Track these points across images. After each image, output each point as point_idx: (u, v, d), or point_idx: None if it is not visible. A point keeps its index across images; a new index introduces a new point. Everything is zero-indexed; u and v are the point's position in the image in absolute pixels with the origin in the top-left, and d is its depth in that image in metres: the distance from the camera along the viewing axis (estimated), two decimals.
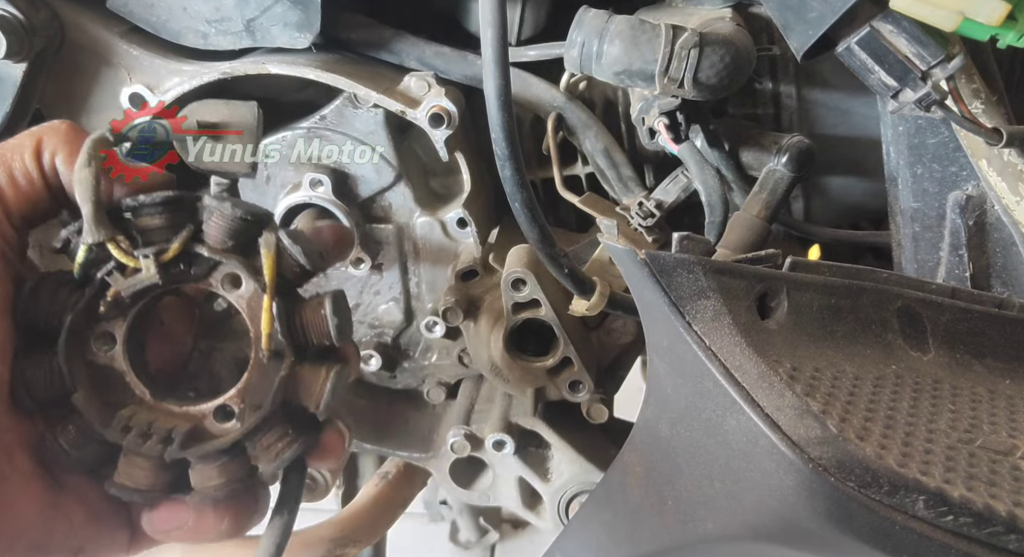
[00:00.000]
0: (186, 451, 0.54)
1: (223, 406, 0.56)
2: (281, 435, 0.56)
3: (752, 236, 0.86)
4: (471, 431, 1.05)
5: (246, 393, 0.55)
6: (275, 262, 0.55)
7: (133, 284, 0.54)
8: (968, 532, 0.48)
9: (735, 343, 0.56)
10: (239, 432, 0.55)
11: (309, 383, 0.56)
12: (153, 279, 0.54)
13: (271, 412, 0.55)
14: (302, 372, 0.56)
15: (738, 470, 0.56)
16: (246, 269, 0.55)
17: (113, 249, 0.53)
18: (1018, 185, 0.74)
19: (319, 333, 0.56)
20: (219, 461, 0.55)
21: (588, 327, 1.07)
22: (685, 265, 0.58)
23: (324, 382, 0.56)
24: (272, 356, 0.55)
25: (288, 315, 0.55)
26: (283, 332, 0.55)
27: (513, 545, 2.56)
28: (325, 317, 0.55)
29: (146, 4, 0.92)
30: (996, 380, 0.63)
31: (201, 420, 0.56)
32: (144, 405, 0.56)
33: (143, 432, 0.54)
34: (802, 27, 0.71)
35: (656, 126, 0.89)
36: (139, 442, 0.54)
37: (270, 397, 0.54)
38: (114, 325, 0.55)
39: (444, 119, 0.90)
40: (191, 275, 0.56)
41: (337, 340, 0.56)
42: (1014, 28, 0.63)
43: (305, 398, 0.56)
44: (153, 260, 0.53)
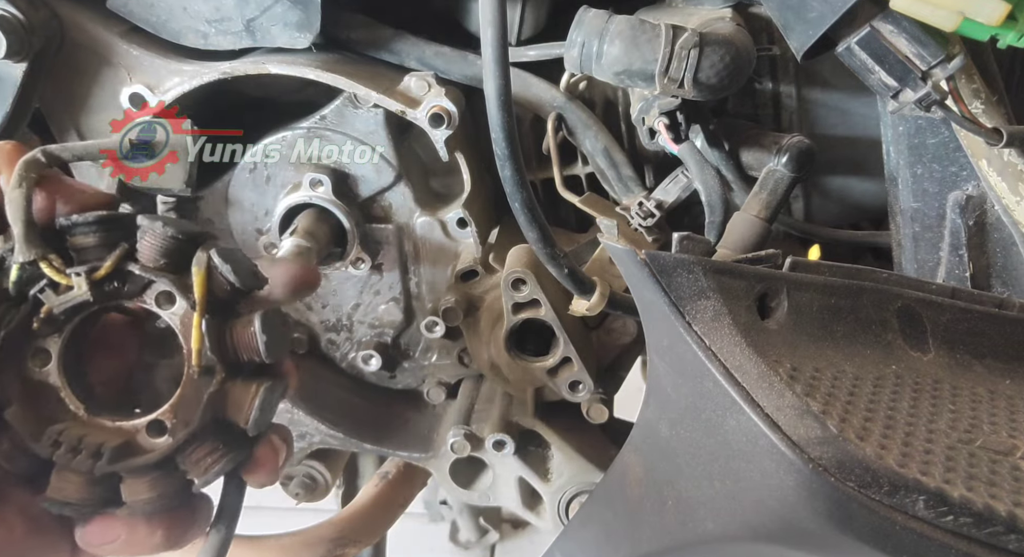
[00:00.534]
0: (115, 465, 0.54)
1: (156, 421, 0.56)
2: (211, 450, 0.57)
3: (752, 236, 0.86)
4: (471, 431, 1.05)
5: (178, 408, 0.56)
6: (205, 280, 0.56)
7: (65, 301, 0.55)
8: (968, 532, 0.48)
9: (735, 343, 0.56)
10: (168, 447, 0.55)
11: (239, 399, 0.57)
12: (84, 296, 0.55)
13: (200, 427, 0.56)
14: (233, 389, 0.57)
15: (738, 470, 0.56)
16: (177, 287, 0.56)
17: (45, 267, 0.54)
18: (1018, 185, 0.74)
19: (249, 350, 0.57)
20: (150, 476, 0.56)
21: (588, 327, 1.07)
22: (685, 265, 0.58)
23: (253, 399, 0.56)
24: (202, 372, 0.56)
25: (219, 333, 0.56)
26: (213, 349, 0.55)
27: (513, 545, 2.56)
28: (254, 334, 0.56)
29: (146, 4, 0.92)
30: (996, 380, 0.63)
31: (134, 435, 0.56)
32: (78, 420, 0.56)
33: (73, 447, 0.54)
34: (802, 27, 0.71)
35: (656, 126, 0.89)
36: (69, 457, 0.54)
37: (198, 413, 0.55)
38: (49, 341, 0.56)
39: (444, 119, 0.90)
40: (124, 293, 0.56)
41: (266, 357, 0.56)
42: (1014, 28, 0.63)
43: (234, 414, 0.57)
44: (85, 278, 0.54)
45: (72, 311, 0.56)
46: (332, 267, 1.02)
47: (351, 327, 1.09)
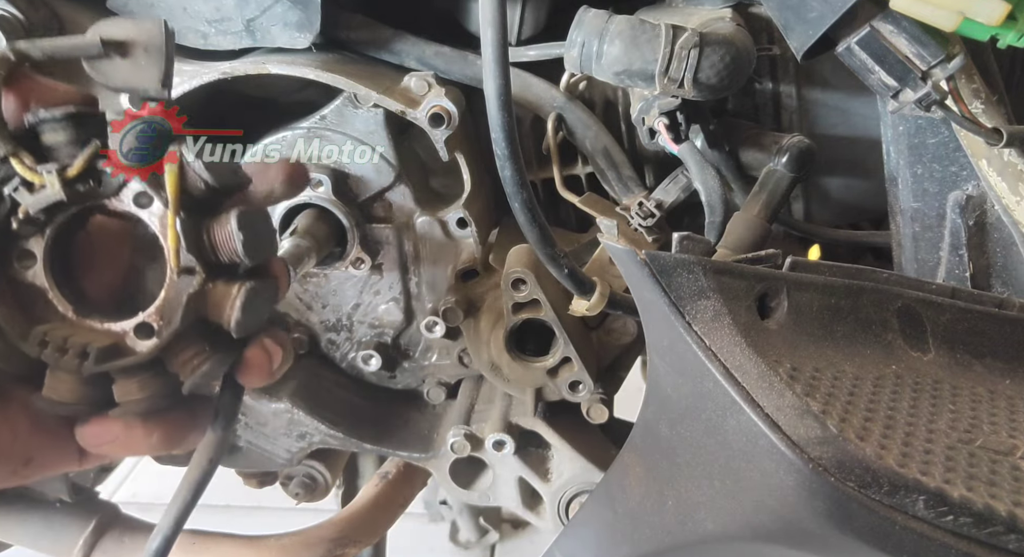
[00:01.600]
0: (102, 366, 0.54)
1: (143, 323, 0.55)
2: (197, 352, 0.56)
3: (752, 236, 0.86)
4: (471, 431, 1.05)
5: (163, 310, 0.55)
6: (177, 178, 0.54)
7: (39, 201, 0.53)
8: (968, 532, 0.48)
9: (735, 343, 0.56)
10: (153, 347, 0.55)
11: (220, 301, 0.56)
12: (58, 196, 0.53)
13: (182, 328, 0.55)
14: (214, 290, 0.56)
15: (738, 470, 0.56)
16: (151, 185, 0.54)
17: (16, 165, 0.53)
18: (1018, 185, 0.74)
19: (227, 250, 0.55)
20: (139, 377, 0.56)
21: (588, 327, 1.07)
22: (685, 265, 0.58)
23: (235, 300, 0.55)
24: (182, 273, 0.55)
25: (196, 232, 0.55)
26: (190, 248, 0.54)
27: (513, 545, 2.56)
28: (231, 233, 0.55)
29: (146, 4, 0.92)
30: (996, 380, 0.63)
31: (122, 337, 0.56)
32: (67, 322, 0.56)
33: (59, 347, 0.54)
34: (802, 27, 0.71)
35: (656, 126, 0.89)
36: (56, 356, 0.54)
37: (179, 314, 0.55)
38: (33, 242, 0.55)
39: (444, 119, 0.90)
40: (100, 192, 0.55)
41: (244, 257, 0.55)
42: (1014, 28, 0.63)
43: (217, 316, 0.56)
44: (57, 176, 0.53)
45: (49, 211, 0.54)
46: (332, 267, 1.02)
47: (351, 327, 1.09)
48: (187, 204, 0.55)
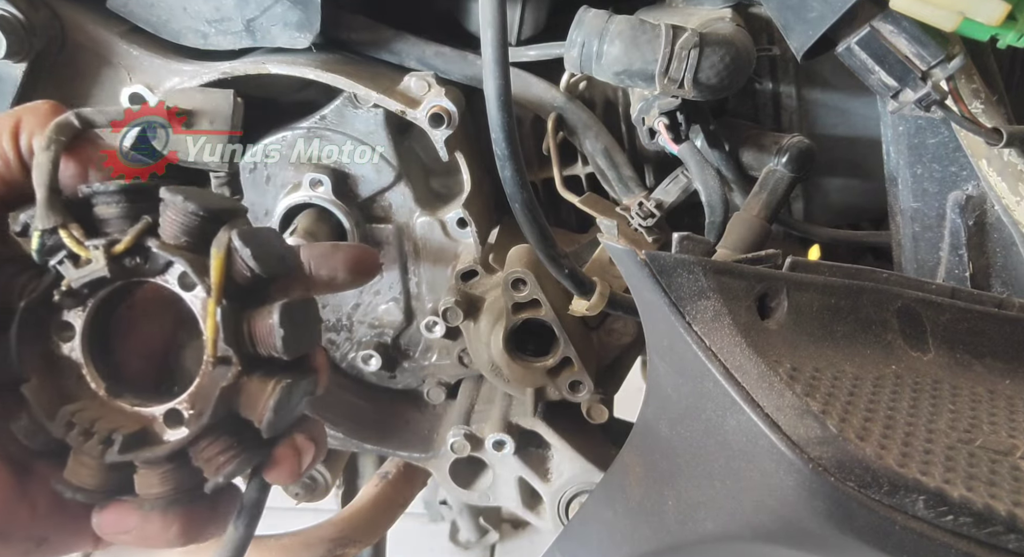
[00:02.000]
0: (126, 455, 0.52)
1: (173, 410, 0.53)
2: (224, 448, 0.53)
3: (752, 236, 0.86)
4: (471, 431, 1.05)
5: (196, 399, 0.53)
6: (223, 264, 0.52)
7: (83, 275, 0.52)
8: (968, 532, 0.48)
9: (735, 343, 0.56)
10: (180, 441, 0.52)
11: (254, 397, 0.53)
12: (102, 272, 0.52)
13: (212, 423, 0.52)
14: (249, 384, 0.53)
15: (738, 470, 0.56)
16: (195, 269, 0.52)
17: (65, 237, 0.52)
18: (1018, 185, 0.74)
19: (266, 344, 0.53)
20: (163, 469, 0.53)
21: (588, 327, 1.07)
22: (685, 265, 0.58)
23: (268, 398, 0.52)
24: (218, 363, 0.52)
25: (236, 322, 0.52)
26: (228, 340, 0.52)
27: (513, 545, 2.56)
28: (272, 327, 0.52)
29: (146, 4, 0.92)
30: (996, 380, 0.63)
31: (151, 423, 0.54)
32: (97, 401, 0.54)
33: (85, 430, 0.52)
34: (802, 27, 0.71)
35: (656, 126, 0.89)
36: (81, 440, 0.52)
37: (210, 407, 0.52)
38: (74, 315, 0.54)
39: (444, 119, 0.90)
40: (146, 270, 0.53)
41: (284, 353, 0.52)
42: (1014, 28, 0.63)
43: (249, 412, 0.53)
44: (104, 252, 0.52)
45: (91, 286, 0.53)
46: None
47: (351, 327, 1.10)
48: (231, 291, 0.52)
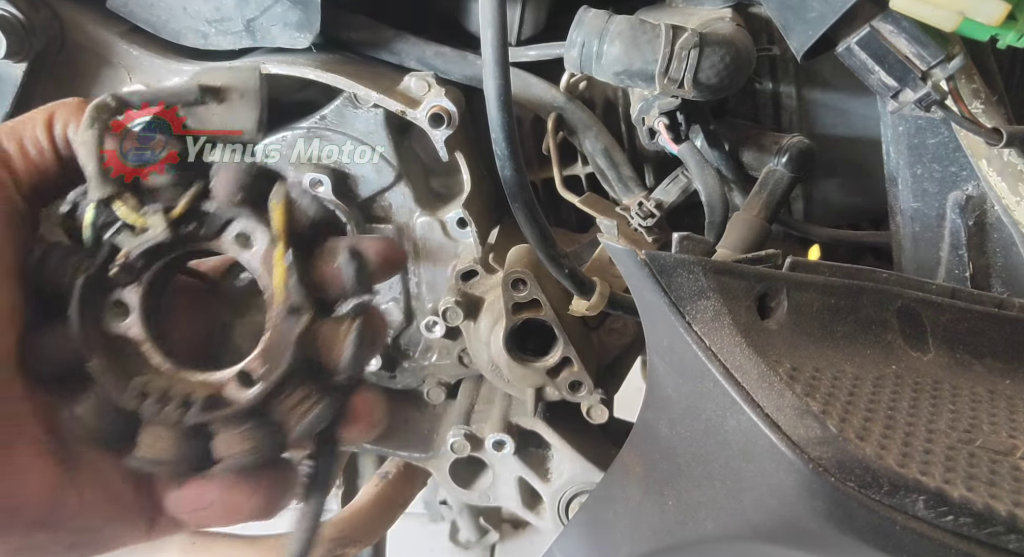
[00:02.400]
0: (206, 415, 0.51)
1: (243, 372, 0.53)
2: (304, 396, 0.53)
3: (752, 236, 0.86)
4: (471, 431, 1.05)
5: (267, 355, 0.53)
6: (285, 210, 0.53)
7: (142, 243, 0.52)
8: (968, 532, 0.48)
9: (735, 343, 0.56)
10: (260, 392, 0.52)
11: (330, 339, 0.53)
12: (161, 236, 0.52)
13: (291, 370, 0.52)
14: (322, 328, 0.53)
15: (738, 470, 0.56)
16: (256, 221, 0.53)
17: (119, 208, 0.52)
18: (1018, 185, 0.74)
19: (335, 284, 0.53)
20: (243, 427, 0.52)
21: (588, 327, 1.07)
22: (685, 265, 0.58)
23: (345, 336, 0.52)
24: (289, 311, 0.52)
25: (302, 267, 0.53)
26: (298, 284, 0.52)
27: (513, 545, 2.56)
28: (340, 266, 0.53)
29: (146, 4, 0.92)
30: (996, 380, 0.63)
31: (220, 388, 0.53)
32: (162, 374, 0.54)
33: (160, 397, 0.52)
34: (802, 27, 0.71)
35: (656, 126, 0.89)
36: (157, 408, 0.51)
37: (288, 353, 0.52)
38: (128, 293, 0.54)
39: (444, 119, 0.90)
40: (201, 234, 0.54)
41: (355, 289, 0.53)
42: (1014, 28, 0.63)
43: (326, 356, 0.53)
44: (162, 216, 0.52)
45: (149, 255, 0.53)
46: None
47: None
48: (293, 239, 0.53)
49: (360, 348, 0.53)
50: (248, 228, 0.54)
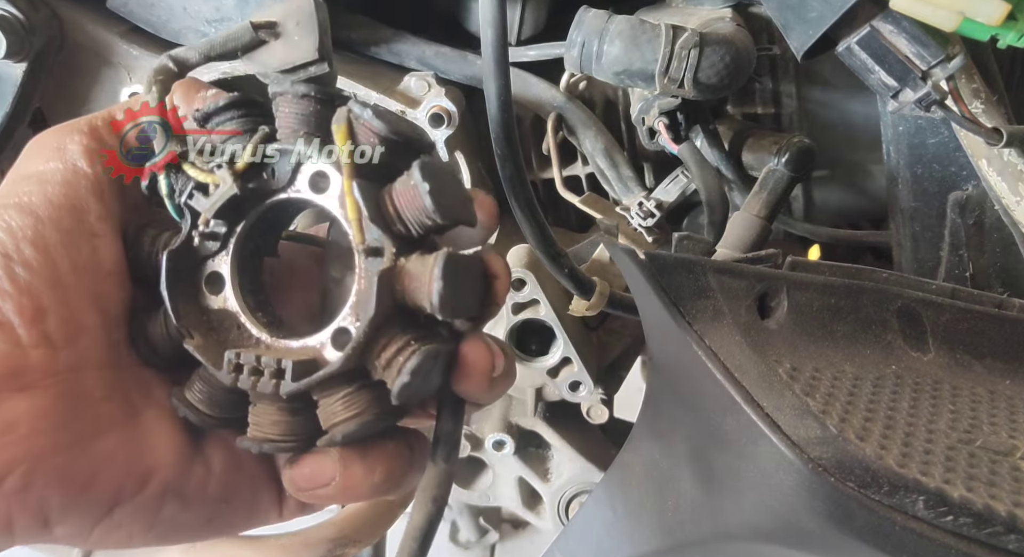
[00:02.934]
0: (300, 382, 0.46)
1: (340, 328, 0.47)
2: (402, 344, 0.46)
3: (752, 236, 0.86)
4: (471, 431, 1.05)
5: (358, 307, 0.47)
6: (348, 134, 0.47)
7: (215, 201, 0.49)
8: (968, 532, 0.48)
9: (735, 343, 0.56)
10: (351, 348, 0.46)
11: (418, 276, 0.45)
12: (232, 190, 0.48)
13: (379, 318, 0.46)
14: (408, 265, 0.46)
15: (738, 470, 0.56)
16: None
17: (188, 168, 0.49)
18: (1018, 185, 0.74)
19: (415, 211, 0.46)
20: (343, 392, 0.47)
21: (588, 327, 1.07)
22: (685, 265, 0.58)
23: (433, 267, 0.45)
24: (369, 253, 0.46)
25: (377, 199, 0.47)
26: (373, 217, 0.46)
27: (513, 545, 2.56)
28: (416, 188, 0.46)
29: (146, 4, 0.92)
30: (996, 380, 0.63)
31: (320, 351, 0.48)
32: (262, 346, 0.50)
33: (254, 368, 0.47)
34: (802, 27, 0.71)
35: (656, 126, 0.89)
36: (252, 381, 0.47)
37: (372, 298, 0.45)
38: (219, 262, 0.51)
39: (444, 119, 0.90)
40: (274, 184, 0.50)
41: (437, 214, 0.45)
42: (1014, 28, 0.63)
43: (415, 295, 0.46)
44: (228, 169, 0.49)
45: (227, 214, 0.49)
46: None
47: None
48: (363, 169, 0.48)
49: (451, 283, 0.45)
50: (320, 166, 0.49)
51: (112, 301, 0.49)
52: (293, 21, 0.52)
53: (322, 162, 0.49)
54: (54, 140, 0.51)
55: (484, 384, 0.49)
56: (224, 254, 0.51)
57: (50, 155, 0.50)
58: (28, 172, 0.50)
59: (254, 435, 0.49)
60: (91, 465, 0.45)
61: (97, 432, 0.46)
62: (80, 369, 0.46)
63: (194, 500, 0.49)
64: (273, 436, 0.48)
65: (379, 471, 0.49)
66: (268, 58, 0.52)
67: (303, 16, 0.52)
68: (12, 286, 0.45)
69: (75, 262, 0.47)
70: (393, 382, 0.46)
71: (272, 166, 0.50)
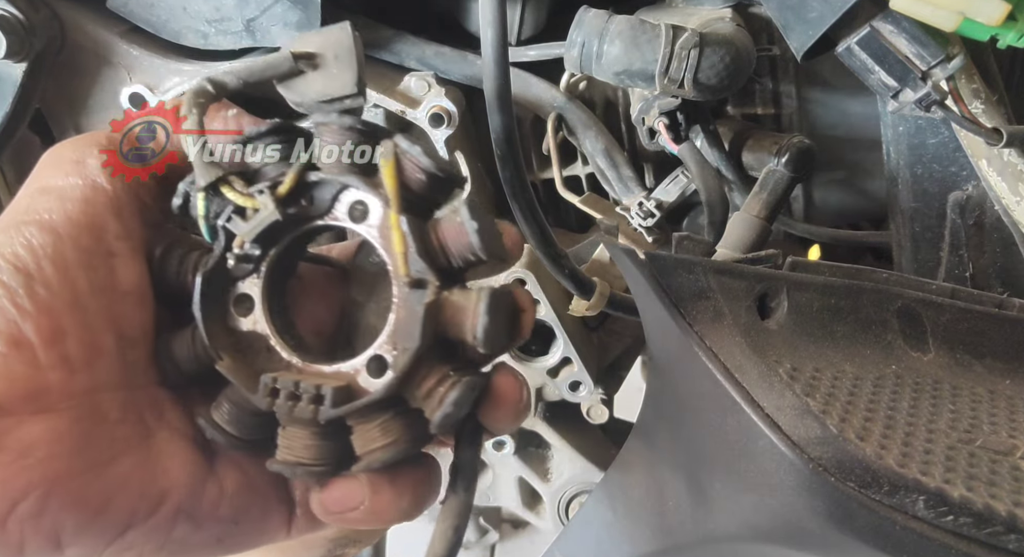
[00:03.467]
0: (339, 409, 0.47)
1: (376, 356, 0.48)
2: (442, 376, 0.48)
3: (752, 236, 0.86)
4: None
5: (396, 336, 0.48)
6: (396, 170, 0.48)
7: (255, 226, 0.49)
8: (968, 532, 0.48)
9: (735, 343, 0.56)
10: (393, 379, 0.47)
11: (461, 309, 0.47)
12: (273, 216, 0.48)
13: (423, 349, 0.47)
14: (450, 299, 0.47)
15: (738, 470, 0.56)
16: (367, 186, 0.49)
17: (228, 191, 0.49)
18: (1018, 185, 0.74)
19: (459, 246, 0.48)
20: (380, 419, 0.48)
21: (588, 327, 1.07)
22: (685, 265, 0.58)
23: (477, 304, 0.46)
24: (413, 285, 0.47)
25: (422, 233, 0.48)
26: (419, 252, 0.47)
27: (513, 545, 2.56)
28: (462, 225, 0.47)
29: (146, 4, 0.92)
30: (996, 380, 0.63)
31: (354, 378, 0.49)
32: (293, 369, 0.50)
33: (291, 394, 0.48)
34: (802, 27, 0.71)
35: (656, 126, 0.89)
36: (289, 406, 0.48)
37: (418, 330, 0.46)
38: (249, 284, 0.51)
39: (444, 119, 0.90)
40: (313, 211, 0.50)
41: (482, 251, 0.47)
42: (1014, 28, 0.63)
43: (458, 330, 0.47)
44: (270, 195, 0.49)
45: (264, 239, 0.50)
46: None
47: None
48: (409, 201, 0.48)
49: (495, 318, 0.47)
50: (361, 196, 0.50)
51: (129, 322, 0.49)
52: (332, 53, 0.53)
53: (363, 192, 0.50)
54: (73, 153, 0.51)
55: (511, 415, 0.51)
56: (255, 276, 0.51)
57: (69, 169, 0.50)
58: (46, 185, 0.49)
59: (286, 458, 0.49)
60: (106, 489, 0.45)
61: (112, 455, 0.46)
62: (96, 391, 0.47)
63: (206, 521, 0.49)
64: (305, 460, 0.49)
65: (407, 496, 0.50)
66: (306, 88, 0.53)
67: (342, 49, 0.54)
68: (33, 306, 0.45)
69: (93, 282, 0.47)
70: (434, 412, 0.47)
71: (312, 194, 0.50)
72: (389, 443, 0.48)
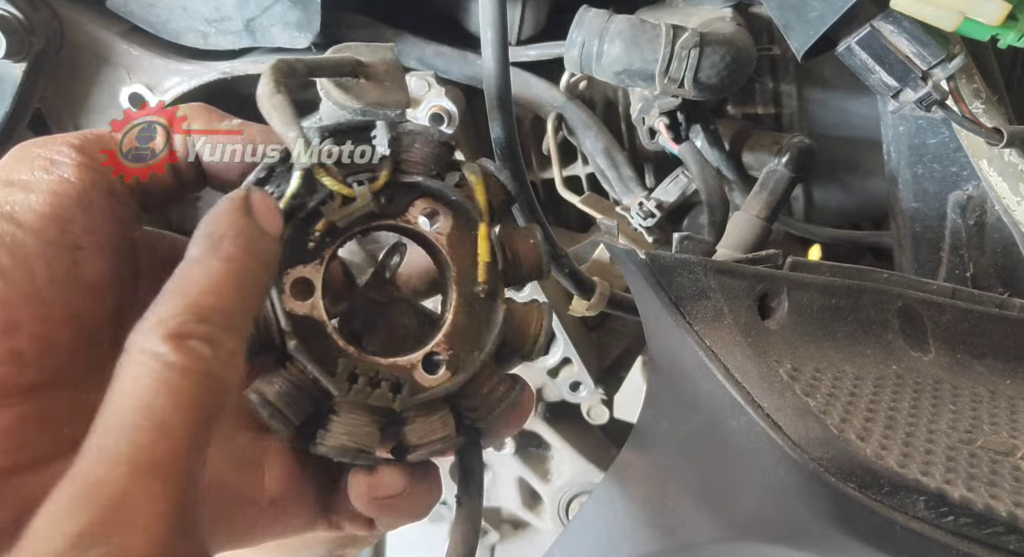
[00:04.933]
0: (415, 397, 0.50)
1: (431, 353, 0.51)
2: (498, 379, 0.51)
3: (752, 236, 0.86)
4: None
5: (454, 338, 0.51)
6: (486, 185, 0.52)
7: (350, 213, 0.50)
8: (968, 532, 0.48)
9: (735, 343, 0.56)
10: (465, 376, 0.50)
11: (525, 320, 0.52)
12: (369, 207, 0.50)
13: (492, 351, 0.51)
14: (517, 309, 0.52)
15: (738, 470, 0.56)
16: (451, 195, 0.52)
17: (326, 179, 0.50)
18: (1018, 185, 0.74)
19: (530, 265, 0.52)
20: (441, 412, 0.51)
21: (588, 327, 1.07)
22: (685, 265, 0.58)
23: (540, 319, 0.52)
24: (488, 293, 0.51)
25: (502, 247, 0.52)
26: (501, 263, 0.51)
27: (513, 545, 2.55)
28: (537, 247, 0.52)
29: (146, 4, 0.92)
30: (997, 380, 0.63)
31: (411, 372, 0.51)
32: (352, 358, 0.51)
33: (371, 380, 0.50)
34: (802, 27, 0.71)
35: (656, 126, 0.89)
36: (367, 392, 0.49)
37: (493, 336, 0.50)
38: (311, 270, 0.51)
39: (444, 119, 0.90)
40: (391, 209, 0.52)
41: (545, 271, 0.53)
42: (1014, 28, 0.63)
43: (521, 337, 0.52)
44: (368, 186, 0.51)
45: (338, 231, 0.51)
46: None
47: None
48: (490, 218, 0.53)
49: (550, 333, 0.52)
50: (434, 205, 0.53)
51: (90, 318, 0.48)
52: (382, 68, 0.56)
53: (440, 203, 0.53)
54: (42, 150, 0.50)
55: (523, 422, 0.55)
56: (318, 262, 0.52)
57: (37, 164, 0.49)
58: (11, 178, 0.48)
59: (344, 444, 0.49)
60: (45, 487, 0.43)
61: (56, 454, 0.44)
62: (46, 388, 0.45)
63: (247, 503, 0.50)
64: (366, 446, 0.50)
65: (435, 491, 0.53)
66: (361, 93, 0.55)
67: (391, 67, 0.57)
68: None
69: (55, 274, 0.46)
70: (491, 410, 0.52)
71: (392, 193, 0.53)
72: (447, 435, 0.51)
